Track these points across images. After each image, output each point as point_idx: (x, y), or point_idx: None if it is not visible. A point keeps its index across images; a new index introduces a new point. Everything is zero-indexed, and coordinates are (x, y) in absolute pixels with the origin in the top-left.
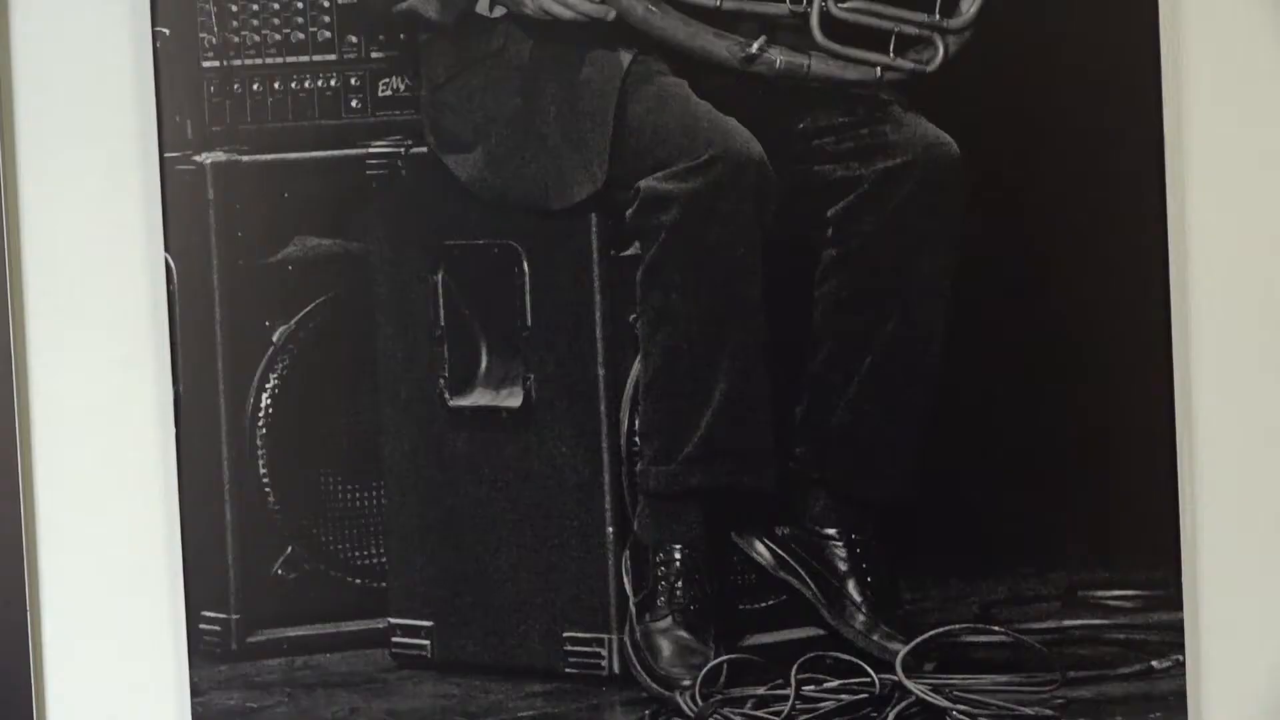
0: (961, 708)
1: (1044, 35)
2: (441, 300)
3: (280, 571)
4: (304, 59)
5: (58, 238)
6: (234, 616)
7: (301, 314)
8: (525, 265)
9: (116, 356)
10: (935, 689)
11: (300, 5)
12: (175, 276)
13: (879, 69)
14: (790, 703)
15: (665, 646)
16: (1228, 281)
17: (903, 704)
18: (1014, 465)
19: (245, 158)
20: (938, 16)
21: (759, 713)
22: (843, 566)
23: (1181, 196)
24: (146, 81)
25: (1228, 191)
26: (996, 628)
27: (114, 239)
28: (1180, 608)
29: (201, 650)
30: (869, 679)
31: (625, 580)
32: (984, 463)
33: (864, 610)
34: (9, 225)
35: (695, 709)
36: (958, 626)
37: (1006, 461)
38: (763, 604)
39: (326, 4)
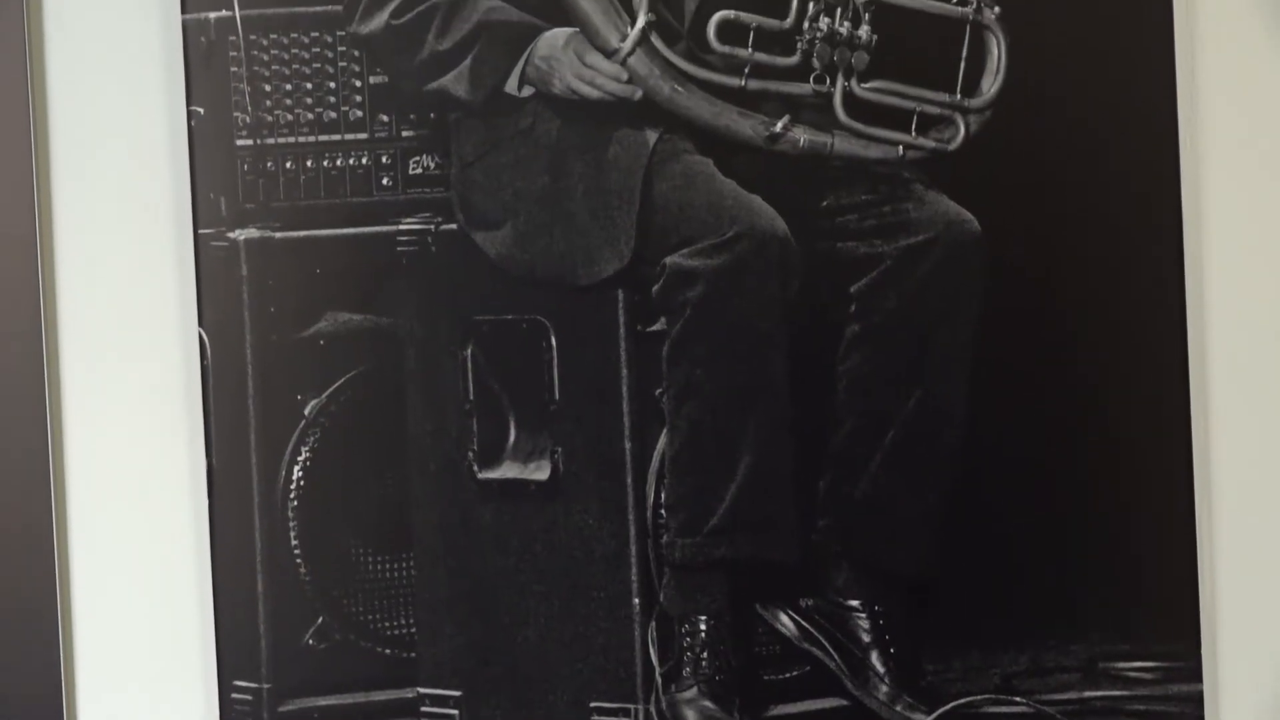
0: None
1: (1064, 115)
2: (470, 375)
3: (311, 641)
4: (336, 138)
5: (94, 313)
6: (265, 686)
7: (333, 388)
8: (553, 340)
9: (151, 429)
10: None
11: (332, 85)
12: (209, 351)
13: (901, 148)
14: None
15: (691, 716)
16: (1247, 357)
17: None
18: (1035, 538)
19: (278, 234)
20: (959, 96)
21: None
22: (866, 638)
23: (1200, 273)
24: (181, 160)
25: (1246, 268)
26: (1018, 699)
27: (149, 314)
28: (1199, 680)
29: (234, 719)
30: None
31: (651, 651)
32: (1005, 535)
33: (887, 681)
34: (46, 300)
35: None
36: (979, 697)
37: (1028, 534)
38: (787, 675)
39: (358, 84)
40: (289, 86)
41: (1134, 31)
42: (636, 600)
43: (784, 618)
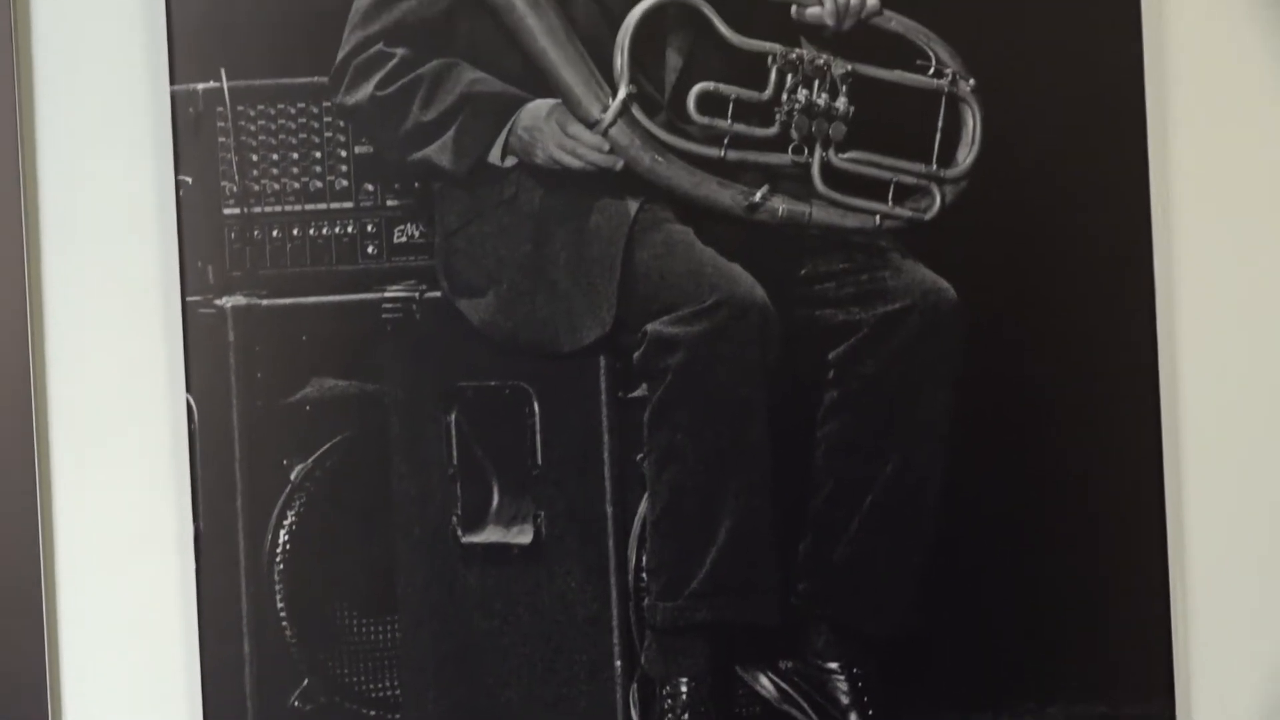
0: None
1: (1037, 185)
2: (454, 440)
3: (297, 703)
4: (322, 206)
5: (83, 378)
6: None
7: (319, 453)
8: (536, 406)
9: (139, 493)
10: None
11: (318, 155)
12: (196, 416)
13: (878, 217)
14: None
15: None
16: (1220, 420)
17: None
18: (1012, 600)
19: (265, 301)
20: (935, 167)
21: None
22: (845, 700)
23: (1172, 340)
24: (170, 228)
25: (1217, 333)
26: None
27: (137, 380)
28: None
29: None
30: None
31: (633, 713)
32: (982, 598)
33: None
34: (35, 365)
35: None
36: None
37: (1005, 596)
38: None
39: (344, 154)
40: (276, 156)
41: (1107, 104)
42: (618, 663)
43: (764, 680)
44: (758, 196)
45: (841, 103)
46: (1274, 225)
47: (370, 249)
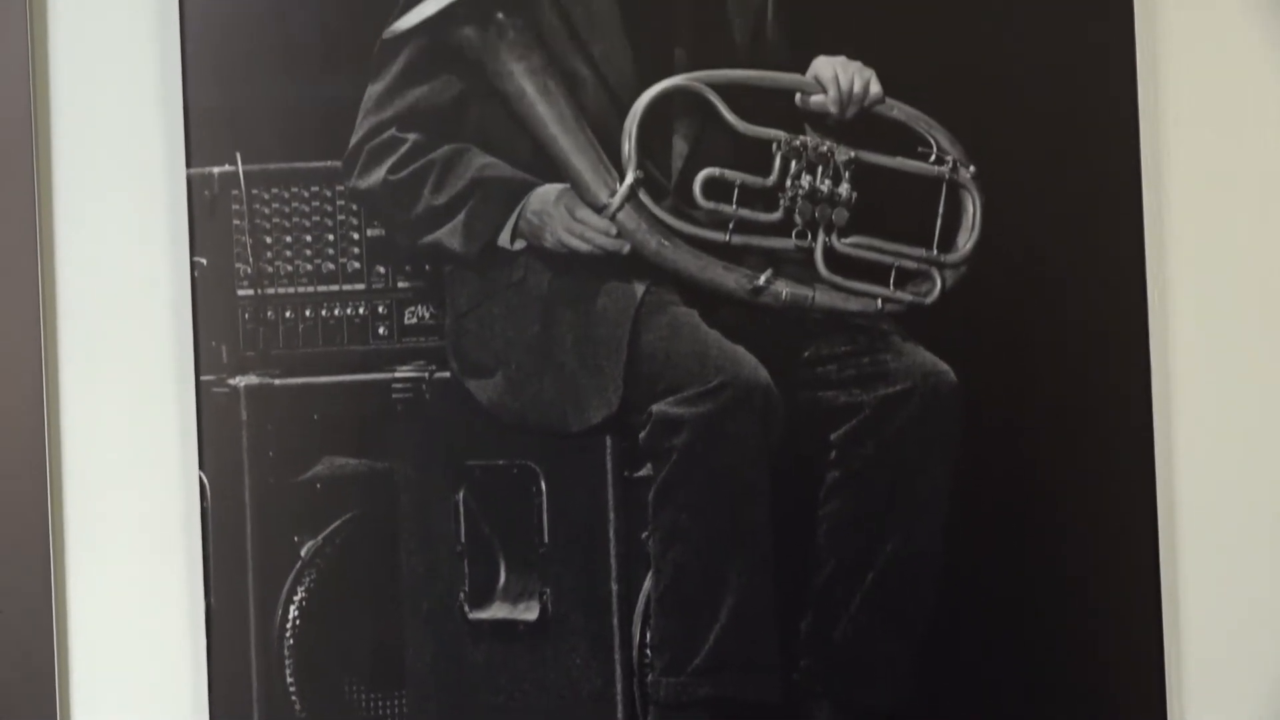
0: None
1: (1035, 271)
2: (462, 518)
3: None
4: (334, 288)
5: (98, 455)
6: None
7: (328, 530)
8: (543, 485)
9: (151, 569)
10: None
11: (331, 238)
12: (209, 493)
13: (880, 301)
14: None
15: None
16: (1214, 501)
17: None
18: (1011, 677)
19: (277, 381)
20: (935, 252)
21: None
22: None
23: (1168, 425)
24: (185, 308)
25: (1212, 421)
26: None
27: (152, 457)
28: None
29: None
30: None
31: None
32: (981, 675)
33: None
34: (51, 441)
35: None
36: None
37: (1003, 673)
38: None
39: (356, 236)
40: (289, 239)
41: (1104, 192)
42: None
43: None
44: (762, 280)
45: (844, 188)
46: (1270, 311)
47: (381, 330)
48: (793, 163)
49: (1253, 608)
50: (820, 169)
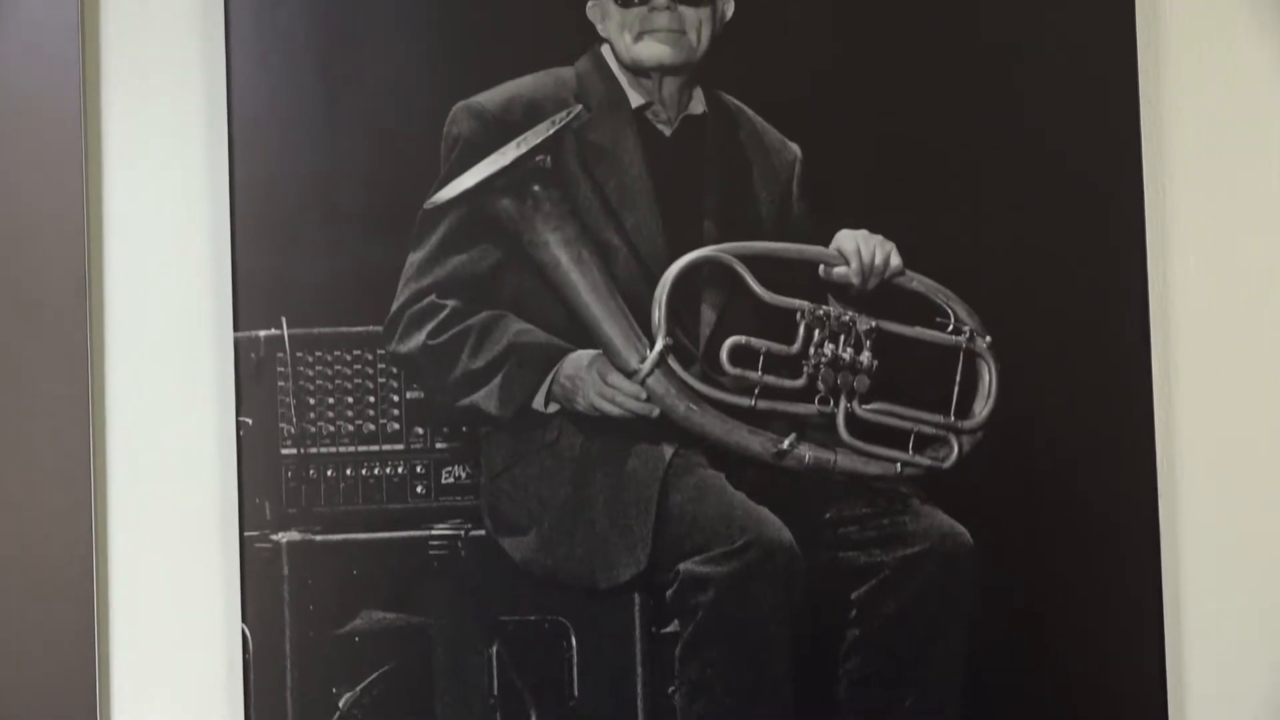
0: None
1: (1049, 437)
2: (495, 671)
3: None
4: (374, 448)
5: (145, 610)
6: None
7: (366, 681)
8: (573, 640)
9: (195, 719)
10: None
11: (372, 399)
12: (251, 645)
13: (899, 465)
14: None
15: None
16: (1218, 651)
17: None
18: None
19: (318, 537)
20: (953, 418)
21: None
22: None
23: (1176, 587)
24: (230, 466)
25: (1217, 578)
26: None
27: (196, 610)
28: None
29: None
30: None
31: None
32: None
33: None
34: (99, 595)
35: None
36: None
37: None
38: None
39: (396, 398)
40: (331, 400)
41: (1114, 363)
42: None
43: None
44: (786, 444)
45: (865, 357)
46: (1273, 468)
47: (419, 489)
48: (816, 331)
49: None
50: (842, 338)
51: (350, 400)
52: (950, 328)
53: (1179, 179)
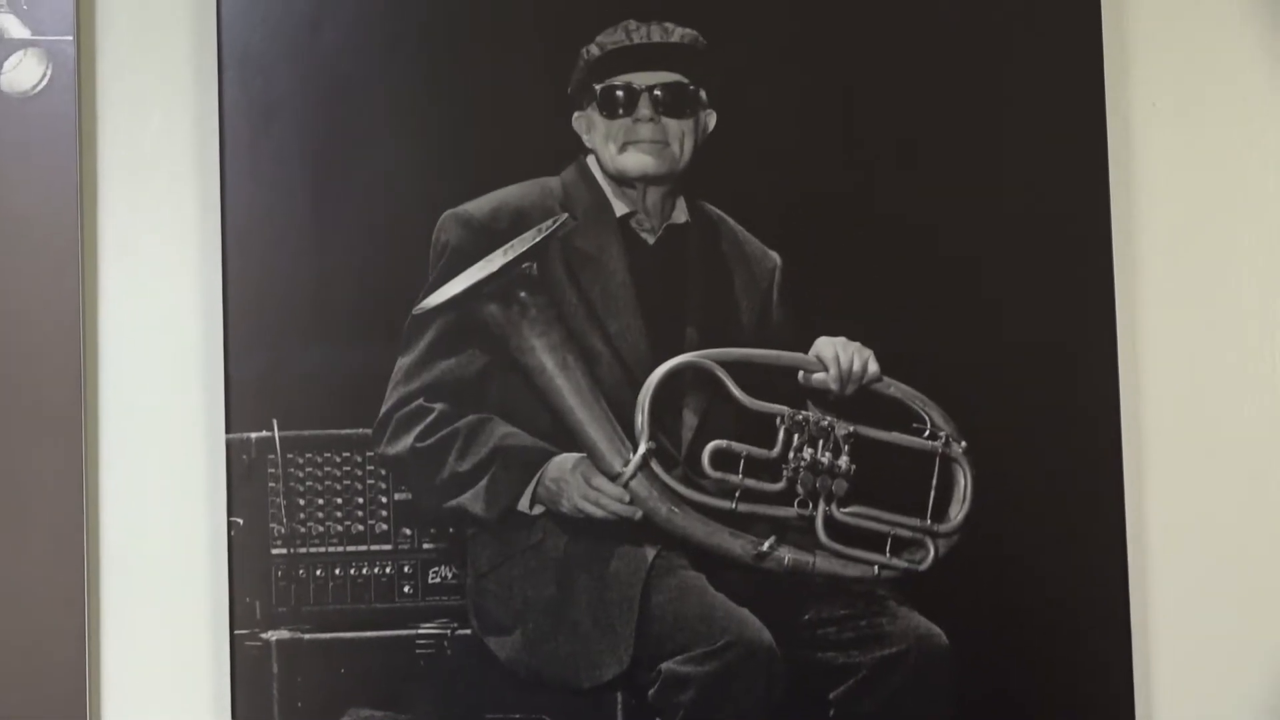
0: None
1: (1022, 540)
2: None
3: None
4: (363, 548)
5: (136, 708)
6: None
7: None
8: None
9: None
10: None
11: (361, 500)
12: None
13: (876, 567)
14: None
15: None
16: None
17: None
18: None
19: (307, 636)
20: (929, 521)
21: None
22: None
23: (1148, 689)
24: (221, 565)
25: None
26: None
27: (187, 707)
28: None
29: None
30: None
31: None
32: None
33: None
34: (91, 694)
35: None
36: None
37: None
38: None
39: (384, 500)
40: (321, 501)
41: (1085, 470)
42: None
43: None
44: (766, 546)
45: (844, 461)
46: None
47: (406, 589)
48: (795, 436)
49: None
50: (821, 442)
51: (339, 501)
52: (926, 433)
53: (1151, 287)
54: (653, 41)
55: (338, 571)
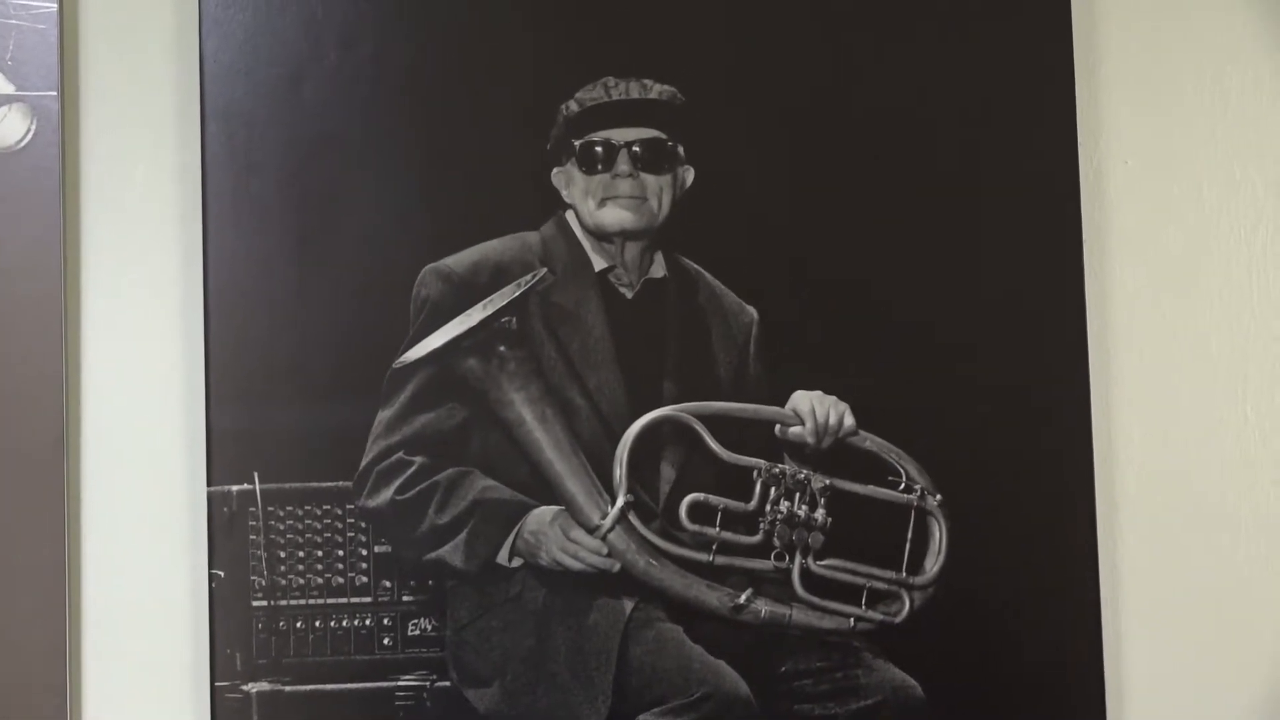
0: None
1: (997, 592)
2: None
3: None
4: (343, 601)
5: None
6: None
7: None
8: None
9: None
10: None
11: (341, 553)
12: None
13: (852, 619)
14: None
15: None
16: None
17: None
18: None
19: (287, 688)
20: (904, 574)
21: None
22: None
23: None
24: (202, 618)
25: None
26: None
27: None
28: None
29: None
30: None
31: None
32: None
33: None
34: None
35: None
36: None
37: None
38: None
39: (364, 552)
40: (302, 553)
41: (1060, 524)
42: None
43: None
44: (742, 599)
45: (820, 514)
46: (1215, 635)
47: (386, 641)
48: (772, 489)
49: None
50: (798, 495)
51: (320, 554)
52: (902, 486)
53: (1122, 342)
54: (631, 98)
55: (318, 624)
